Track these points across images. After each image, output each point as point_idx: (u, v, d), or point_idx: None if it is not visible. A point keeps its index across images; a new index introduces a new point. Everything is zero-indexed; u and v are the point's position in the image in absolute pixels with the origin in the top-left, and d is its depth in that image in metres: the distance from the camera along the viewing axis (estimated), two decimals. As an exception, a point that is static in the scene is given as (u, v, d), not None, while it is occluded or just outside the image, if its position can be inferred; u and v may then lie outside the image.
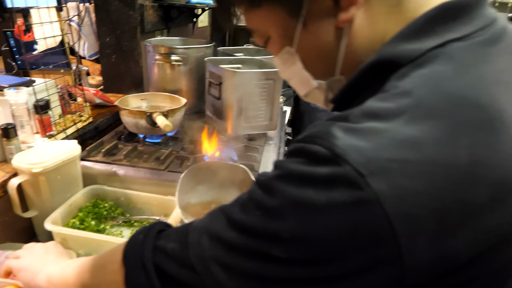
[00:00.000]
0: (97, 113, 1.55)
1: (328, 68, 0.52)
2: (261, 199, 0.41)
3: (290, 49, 0.53)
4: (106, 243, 0.97)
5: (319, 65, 0.54)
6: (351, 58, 0.49)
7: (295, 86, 0.60)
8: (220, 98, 1.41)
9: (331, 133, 0.38)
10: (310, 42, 0.51)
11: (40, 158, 0.98)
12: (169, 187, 1.16)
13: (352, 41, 0.48)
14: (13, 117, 1.13)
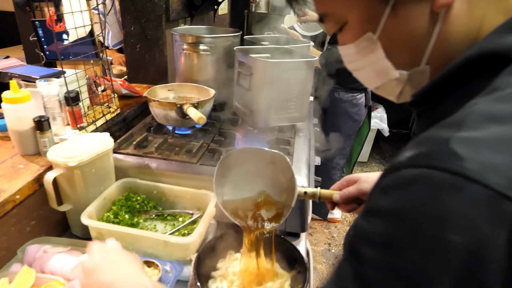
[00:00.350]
0: (123, 104, 1.53)
1: (415, 57, 0.47)
2: (382, 259, 0.33)
3: (371, 36, 0.48)
4: (142, 238, 0.96)
5: (405, 54, 0.48)
6: (442, 47, 0.44)
7: (365, 77, 0.55)
8: (250, 89, 1.36)
9: (452, 151, 0.31)
10: (399, 28, 0.46)
11: (75, 152, 0.96)
12: (202, 180, 1.14)
13: (446, 27, 0.43)
14: (45, 109, 1.12)
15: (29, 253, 0.90)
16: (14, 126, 1.02)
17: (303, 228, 1.15)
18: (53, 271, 0.86)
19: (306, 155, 1.30)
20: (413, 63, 0.48)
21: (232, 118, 1.53)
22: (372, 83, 0.55)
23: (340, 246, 2.74)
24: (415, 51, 0.47)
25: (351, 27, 0.50)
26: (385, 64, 0.49)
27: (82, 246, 0.97)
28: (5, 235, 0.89)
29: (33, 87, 1.16)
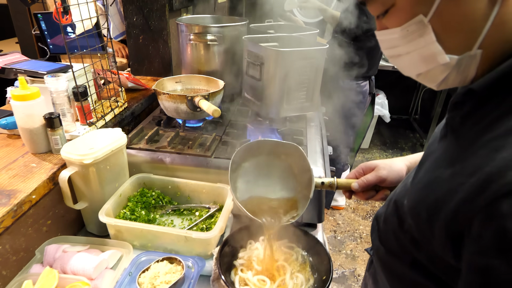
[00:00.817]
0: (130, 98, 1.50)
1: (468, 41, 0.45)
2: None
3: (423, 19, 0.45)
4: (162, 234, 0.94)
5: (458, 38, 0.46)
6: (499, 30, 0.42)
7: (407, 64, 0.52)
8: (261, 80, 1.34)
9: None
10: (454, 10, 0.43)
11: (90, 149, 0.94)
12: (217, 174, 1.12)
13: (505, 10, 0.41)
14: (54, 105, 1.09)
15: (49, 253, 0.88)
16: (25, 124, 0.99)
17: (320, 218, 1.15)
18: (75, 271, 0.84)
19: (320, 145, 1.29)
20: (465, 47, 0.46)
21: (241, 109, 1.51)
22: (414, 69, 0.52)
23: (345, 233, 2.76)
24: (470, 34, 0.44)
25: (399, 10, 0.47)
26: (435, 49, 0.47)
27: (101, 244, 0.96)
28: (23, 236, 0.87)
29: (39, 82, 1.13)
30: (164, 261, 0.88)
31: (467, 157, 0.45)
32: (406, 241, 0.60)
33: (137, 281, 0.82)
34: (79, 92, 1.12)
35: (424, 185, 0.53)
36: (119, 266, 0.89)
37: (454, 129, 0.53)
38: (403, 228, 0.60)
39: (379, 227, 0.75)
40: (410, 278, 0.61)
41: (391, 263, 0.67)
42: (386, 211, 0.71)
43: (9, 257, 0.83)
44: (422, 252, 0.56)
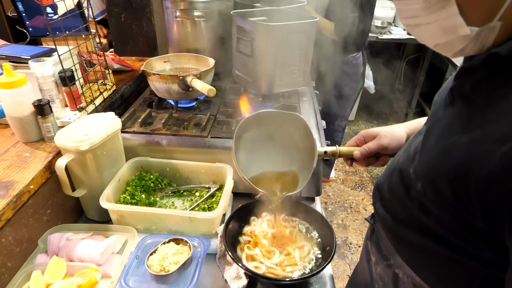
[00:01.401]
0: (117, 80, 1.45)
1: (490, 13, 0.45)
2: None
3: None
4: (165, 216, 0.95)
5: (481, 10, 0.46)
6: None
7: (426, 34, 0.52)
8: (252, 56, 1.31)
9: None
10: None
11: (85, 135, 0.92)
12: (215, 153, 1.12)
13: None
14: (41, 91, 1.05)
15: (52, 243, 0.88)
16: (13, 112, 0.96)
17: (318, 192, 1.17)
18: (82, 258, 0.84)
19: (314, 119, 1.29)
20: (486, 19, 0.46)
21: (233, 86, 1.49)
22: (432, 40, 0.52)
23: (336, 203, 2.83)
24: (492, 6, 0.44)
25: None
26: (457, 21, 0.47)
27: (104, 230, 0.96)
28: (24, 227, 0.86)
29: (23, 68, 1.08)
30: (170, 243, 0.89)
31: (488, 122, 0.46)
32: (413, 208, 0.62)
33: (146, 263, 0.83)
34: (67, 76, 1.07)
35: (438, 152, 0.54)
36: (125, 250, 0.89)
37: (463, 95, 0.54)
38: (410, 195, 0.62)
39: (382, 196, 0.77)
40: (418, 244, 0.63)
41: (398, 230, 0.69)
42: (390, 180, 0.73)
43: (13, 248, 0.82)
44: (431, 217, 0.58)
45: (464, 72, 0.54)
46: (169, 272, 0.80)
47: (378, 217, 0.79)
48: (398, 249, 0.71)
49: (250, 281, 0.86)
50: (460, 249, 0.55)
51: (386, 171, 0.79)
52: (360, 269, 0.97)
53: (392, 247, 0.73)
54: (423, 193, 0.58)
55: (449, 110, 0.58)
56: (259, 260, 0.86)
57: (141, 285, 0.82)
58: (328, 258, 0.84)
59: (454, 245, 0.56)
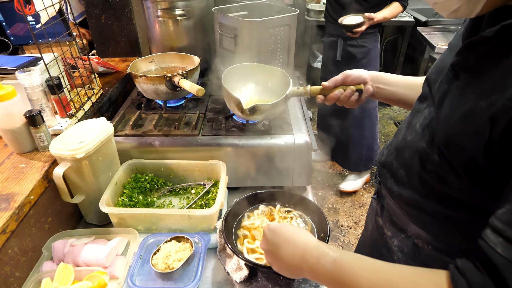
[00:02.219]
0: (103, 83, 1.46)
1: None
2: None
3: None
4: (165, 216, 0.98)
5: None
6: None
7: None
8: (236, 52, 1.34)
9: None
10: None
11: (80, 143, 0.93)
12: (207, 151, 1.15)
13: None
14: (31, 101, 1.05)
15: (57, 249, 0.90)
16: (6, 125, 0.96)
17: (309, 181, 1.22)
18: (88, 262, 0.87)
19: (301, 110, 1.33)
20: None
21: (219, 83, 1.50)
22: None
23: (325, 188, 2.91)
24: None
25: None
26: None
27: (106, 233, 0.99)
28: (28, 237, 0.88)
29: (10, 79, 1.08)
30: (172, 241, 0.93)
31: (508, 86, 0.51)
32: (432, 181, 0.67)
33: (151, 262, 0.86)
34: (55, 84, 1.08)
35: (458, 120, 0.59)
36: (128, 251, 0.93)
37: (468, 68, 0.60)
38: (427, 169, 0.68)
39: (393, 174, 0.81)
40: (439, 213, 0.69)
41: (417, 204, 0.74)
42: (399, 158, 0.78)
43: (19, 258, 0.84)
44: (451, 186, 0.63)
45: (467, 48, 0.59)
46: (174, 269, 0.84)
47: (391, 194, 0.83)
48: (417, 221, 0.76)
49: (251, 271, 0.91)
50: (480, 212, 0.60)
51: (390, 151, 0.84)
52: (372, 244, 1.00)
53: (408, 220, 0.78)
54: (441, 164, 0.63)
55: (455, 83, 0.63)
56: (259, 251, 0.91)
57: (147, 283, 0.86)
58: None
59: (475, 208, 0.61)
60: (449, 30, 2.79)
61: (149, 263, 0.88)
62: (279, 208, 1.05)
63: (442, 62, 0.72)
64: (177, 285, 0.85)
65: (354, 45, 2.35)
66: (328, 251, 0.63)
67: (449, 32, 2.79)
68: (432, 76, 0.75)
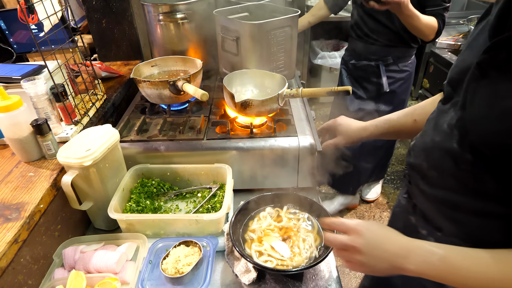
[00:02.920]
0: (106, 88, 1.46)
1: None
2: None
3: None
4: (173, 221, 0.99)
5: None
6: None
7: None
8: (238, 54, 1.34)
9: None
10: None
11: (87, 151, 0.94)
12: (213, 155, 1.16)
13: None
14: (36, 110, 1.06)
15: (68, 256, 0.92)
16: (13, 134, 0.97)
17: (314, 182, 1.23)
18: (98, 268, 0.88)
19: (304, 112, 1.34)
20: None
21: (221, 85, 1.51)
22: None
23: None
24: None
25: None
26: None
27: (115, 238, 1.00)
28: (39, 245, 0.89)
29: (14, 88, 1.08)
30: (181, 246, 0.94)
31: None
32: (467, 179, 0.68)
33: (161, 267, 0.88)
34: (60, 92, 1.09)
35: (495, 119, 0.60)
36: (138, 256, 0.94)
37: (499, 66, 0.60)
38: (460, 168, 0.69)
39: (423, 175, 0.81)
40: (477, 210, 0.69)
41: (454, 203, 0.74)
42: (429, 159, 0.78)
43: (31, 267, 0.86)
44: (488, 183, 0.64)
45: (496, 45, 0.60)
46: (184, 274, 0.86)
47: (424, 195, 0.83)
48: (453, 220, 0.76)
49: (259, 274, 0.92)
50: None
51: (417, 152, 0.84)
52: None
53: (444, 219, 0.79)
54: (475, 163, 0.64)
55: (484, 81, 0.63)
56: (267, 254, 0.92)
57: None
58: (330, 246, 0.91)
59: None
60: (450, 24, 2.78)
61: (158, 267, 0.89)
62: (286, 209, 1.06)
63: (464, 62, 0.72)
64: (187, 289, 0.86)
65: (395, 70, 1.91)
66: (433, 249, 0.68)
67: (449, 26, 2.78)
68: (454, 76, 0.75)
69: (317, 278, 0.93)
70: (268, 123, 1.24)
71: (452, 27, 2.73)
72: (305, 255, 0.92)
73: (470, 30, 2.43)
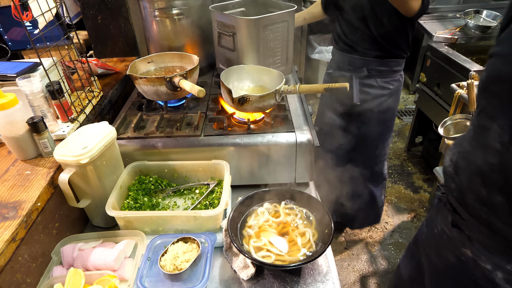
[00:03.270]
0: (102, 85, 1.46)
1: None
2: None
3: None
4: (171, 218, 0.99)
5: None
6: None
7: None
8: (235, 50, 1.34)
9: None
10: None
11: (84, 148, 0.94)
12: (210, 151, 1.16)
13: None
14: (32, 107, 1.05)
15: (66, 254, 0.92)
16: (9, 133, 0.97)
17: (311, 177, 1.23)
18: (97, 266, 0.88)
19: (301, 107, 1.34)
20: None
21: (218, 81, 1.51)
22: None
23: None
24: None
25: None
26: None
27: (113, 236, 1.00)
28: (37, 243, 0.89)
29: (10, 85, 1.08)
30: (179, 242, 0.94)
31: None
32: None
33: (159, 264, 0.88)
34: (55, 89, 1.08)
35: None
36: (136, 253, 0.94)
37: None
38: None
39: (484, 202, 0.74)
40: None
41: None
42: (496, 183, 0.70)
43: (30, 265, 0.86)
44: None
45: None
46: (182, 270, 0.86)
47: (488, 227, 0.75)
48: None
49: (257, 269, 0.92)
50: None
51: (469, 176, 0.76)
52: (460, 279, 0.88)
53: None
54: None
55: None
56: (266, 249, 0.92)
57: (156, 285, 0.88)
58: (328, 240, 0.91)
59: None
60: (447, 18, 2.77)
61: (157, 264, 0.90)
62: (284, 205, 1.06)
63: (500, 72, 0.66)
64: (186, 285, 0.87)
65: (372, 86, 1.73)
66: None
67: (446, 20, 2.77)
68: (490, 88, 0.69)
69: (315, 273, 0.94)
70: (265, 118, 1.24)
71: (449, 20, 2.72)
72: (303, 250, 0.93)
73: (466, 23, 2.42)
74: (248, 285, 0.92)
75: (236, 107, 1.17)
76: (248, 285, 0.92)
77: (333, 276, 0.93)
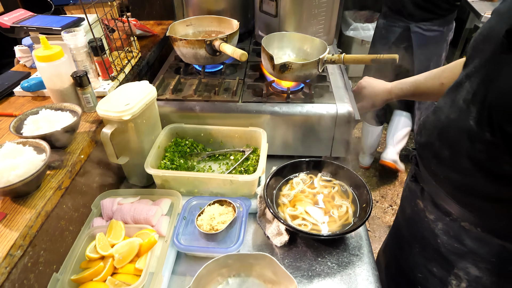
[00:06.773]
0: (140, 46, 1.45)
1: None
2: None
3: None
4: (208, 180, 1.00)
5: None
6: None
7: None
8: (277, 16, 1.29)
9: None
10: None
11: (126, 105, 0.94)
12: (247, 118, 1.14)
13: None
14: (75, 62, 1.06)
15: (106, 207, 0.94)
16: (54, 85, 0.98)
17: (348, 152, 1.20)
18: (136, 220, 0.90)
19: (342, 79, 1.29)
20: None
21: (256, 48, 1.47)
22: None
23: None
24: None
25: None
26: None
27: (150, 194, 1.01)
28: (79, 194, 0.92)
29: (54, 39, 1.08)
30: (215, 204, 0.95)
31: None
32: (483, 161, 0.66)
33: (196, 223, 0.89)
34: (98, 45, 1.08)
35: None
36: (172, 212, 0.95)
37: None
38: (476, 148, 0.66)
39: (435, 155, 0.78)
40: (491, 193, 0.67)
41: (466, 185, 0.72)
42: (442, 138, 0.75)
43: (72, 214, 0.89)
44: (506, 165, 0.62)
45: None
46: (219, 231, 0.86)
47: (434, 177, 0.81)
48: (464, 204, 0.74)
49: (291, 237, 0.92)
50: None
51: (429, 131, 0.80)
52: (412, 227, 0.99)
53: (454, 203, 0.76)
54: (493, 143, 0.61)
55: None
56: (302, 217, 0.92)
57: (192, 243, 0.89)
58: (365, 215, 0.89)
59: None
60: (497, -3, 2.59)
61: (193, 223, 0.91)
62: (320, 177, 1.04)
63: (491, 30, 0.66)
64: (220, 246, 0.88)
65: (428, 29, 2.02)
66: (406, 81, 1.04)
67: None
68: (478, 46, 0.69)
69: (350, 246, 0.93)
70: (304, 89, 1.21)
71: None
72: (339, 222, 0.92)
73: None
74: (281, 251, 0.92)
75: (276, 75, 1.14)
76: (281, 252, 0.92)
77: (367, 251, 0.92)
